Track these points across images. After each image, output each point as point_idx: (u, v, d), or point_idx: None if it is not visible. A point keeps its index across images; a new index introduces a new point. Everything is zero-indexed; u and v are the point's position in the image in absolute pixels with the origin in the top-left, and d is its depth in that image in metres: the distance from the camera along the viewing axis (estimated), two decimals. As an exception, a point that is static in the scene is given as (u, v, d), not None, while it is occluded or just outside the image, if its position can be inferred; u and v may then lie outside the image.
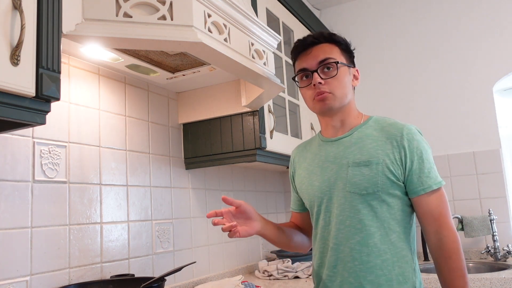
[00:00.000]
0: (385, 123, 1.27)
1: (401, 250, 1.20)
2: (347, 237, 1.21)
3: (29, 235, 1.31)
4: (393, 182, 1.19)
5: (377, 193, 1.19)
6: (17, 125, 1.01)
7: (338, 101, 1.26)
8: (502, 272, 2.04)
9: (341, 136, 1.30)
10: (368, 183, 1.19)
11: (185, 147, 2.06)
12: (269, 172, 2.83)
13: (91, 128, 1.58)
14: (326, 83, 1.25)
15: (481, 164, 2.66)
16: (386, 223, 1.19)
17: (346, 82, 1.28)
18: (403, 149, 1.20)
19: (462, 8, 2.85)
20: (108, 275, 1.56)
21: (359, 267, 1.19)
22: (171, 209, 1.93)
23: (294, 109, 2.46)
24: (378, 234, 1.19)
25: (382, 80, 3.05)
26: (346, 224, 1.21)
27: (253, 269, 2.46)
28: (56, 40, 1.03)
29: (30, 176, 1.34)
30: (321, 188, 1.27)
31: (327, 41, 1.30)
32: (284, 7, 2.42)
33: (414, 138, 1.21)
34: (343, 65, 1.28)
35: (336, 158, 1.27)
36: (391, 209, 1.20)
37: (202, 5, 1.32)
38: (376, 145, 1.23)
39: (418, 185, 1.19)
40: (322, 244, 1.28)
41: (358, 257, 1.19)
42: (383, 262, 1.17)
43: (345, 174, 1.22)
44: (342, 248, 1.21)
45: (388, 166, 1.19)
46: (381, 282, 1.17)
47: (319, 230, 1.29)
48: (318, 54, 1.27)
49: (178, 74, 1.80)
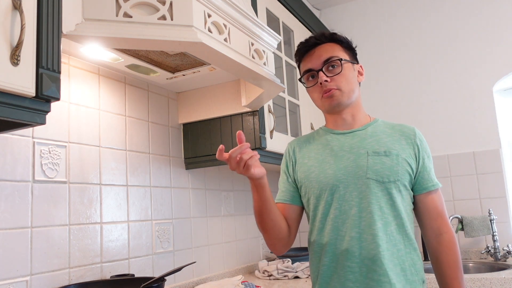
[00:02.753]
0: (394, 124, 1.36)
1: (412, 242, 1.24)
2: (370, 224, 1.20)
3: (29, 235, 1.31)
4: (409, 175, 1.25)
5: (396, 182, 1.22)
6: (17, 125, 1.01)
7: (346, 96, 1.29)
8: (502, 272, 2.04)
9: (355, 129, 1.33)
10: (390, 171, 1.23)
11: (185, 147, 2.06)
12: (269, 172, 2.81)
13: (91, 128, 1.58)
14: (332, 80, 1.28)
15: (481, 164, 2.66)
16: (401, 213, 1.23)
17: (352, 78, 1.32)
18: (417, 147, 1.28)
19: (462, 9, 2.85)
20: (108, 275, 1.56)
21: (382, 253, 1.18)
22: (171, 209, 1.93)
23: (294, 109, 2.46)
24: (394, 223, 1.22)
25: (382, 80, 3.05)
26: (368, 211, 1.21)
27: (253, 269, 2.46)
28: (56, 40, 1.03)
29: (30, 176, 1.34)
30: (336, 175, 1.25)
31: (329, 40, 1.34)
32: (284, 7, 2.42)
33: (423, 139, 1.32)
34: (347, 61, 1.31)
35: (353, 148, 1.28)
36: (404, 201, 1.25)
37: (202, 5, 1.32)
38: (392, 140, 1.29)
39: (429, 181, 1.27)
40: (335, 235, 1.23)
41: (381, 244, 1.19)
42: (398, 251, 1.21)
43: (365, 162, 1.24)
44: (366, 236, 1.20)
45: (406, 159, 1.25)
46: (397, 271, 1.19)
47: (331, 221, 1.24)
48: (322, 53, 1.31)
49: (178, 74, 1.80)
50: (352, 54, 1.36)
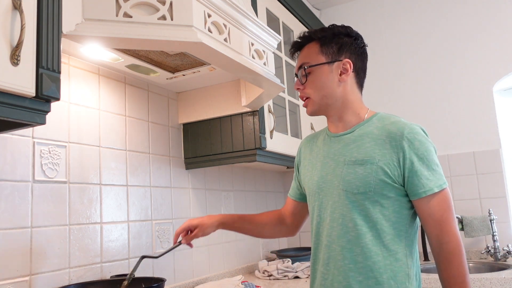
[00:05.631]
0: (388, 121, 1.23)
1: (394, 253, 1.15)
2: (339, 235, 1.19)
3: (29, 235, 1.31)
4: (387, 184, 1.15)
5: (369, 193, 1.16)
6: (17, 125, 1.01)
7: (317, 104, 1.28)
8: (502, 272, 2.04)
9: (343, 132, 1.29)
10: (361, 182, 1.17)
11: (185, 147, 2.06)
12: (269, 172, 2.83)
13: (91, 128, 1.58)
14: (305, 88, 1.29)
15: (481, 164, 2.66)
16: (379, 224, 1.16)
17: (325, 82, 1.25)
18: (402, 150, 1.15)
19: (462, 9, 2.85)
20: (108, 275, 1.56)
21: (348, 266, 1.17)
22: (171, 209, 1.93)
23: (294, 109, 2.46)
24: (370, 235, 1.15)
25: (382, 80, 3.05)
26: (339, 222, 1.20)
27: (253, 269, 2.46)
28: (56, 40, 1.03)
29: (30, 176, 1.34)
30: (319, 183, 1.27)
31: (308, 40, 1.30)
32: (284, 7, 2.42)
33: (416, 138, 1.16)
34: (318, 65, 1.26)
35: (335, 155, 1.26)
36: (385, 210, 1.16)
37: (202, 5, 1.32)
38: (375, 144, 1.19)
39: (419, 187, 1.14)
40: (317, 240, 1.27)
41: (348, 256, 1.17)
42: (374, 264, 1.14)
43: (340, 172, 1.22)
44: (334, 246, 1.20)
45: (383, 167, 1.15)
46: (370, 284, 1.14)
47: (314, 226, 1.29)
48: (300, 59, 1.31)
49: (178, 74, 1.80)
50: (338, 49, 1.26)
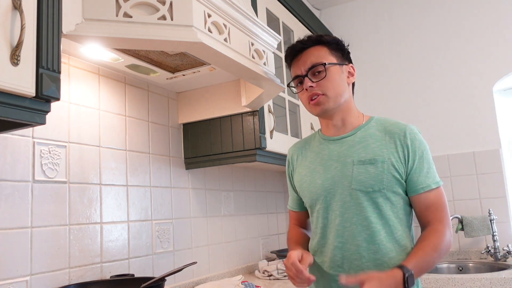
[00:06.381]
0: (387, 123, 1.29)
1: (404, 248, 1.21)
2: (353, 235, 1.21)
3: (29, 235, 1.31)
4: (397, 180, 1.21)
5: (382, 190, 1.20)
6: (17, 125, 1.01)
7: (332, 101, 1.28)
8: (502, 272, 2.04)
9: (345, 135, 1.31)
10: (374, 180, 1.21)
11: (185, 147, 2.06)
12: (269, 172, 2.83)
13: (91, 128, 1.58)
14: (318, 86, 1.27)
15: (481, 164, 2.66)
16: (391, 221, 1.21)
17: (339, 81, 1.29)
18: (406, 148, 1.22)
19: (462, 8, 2.85)
20: (108, 275, 1.56)
21: (366, 264, 1.20)
22: (171, 209, 1.93)
23: (294, 109, 2.46)
24: (384, 231, 1.20)
25: (382, 80, 3.05)
26: (352, 221, 1.22)
27: (253, 269, 2.46)
28: (56, 40, 1.03)
29: (30, 176, 1.34)
30: (324, 185, 1.28)
31: (315, 43, 1.31)
32: (284, 7, 2.42)
33: (416, 138, 1.24)
34: (333, 64, 1.29)
35: (340, 157, 1.28)
36: (394, 207, 1.23)
37: (202, 5, 1.32)
38: (380, 144, 1.25)
39: (418, 184, 1.22)
40: (323, 243, 1.28)
41: (365, 255, 1.20)
42: (390, 260, 1.19)
43: (350, 172, 1.23)
44: (349, 246, 1.22)
45: (394, 164, 1.21)
46: None
47: (319, 230, 1.29)
48: (307, 59, 1.30)
49: (178, 74, 1.80)
50: (342, 55, 1.33)
